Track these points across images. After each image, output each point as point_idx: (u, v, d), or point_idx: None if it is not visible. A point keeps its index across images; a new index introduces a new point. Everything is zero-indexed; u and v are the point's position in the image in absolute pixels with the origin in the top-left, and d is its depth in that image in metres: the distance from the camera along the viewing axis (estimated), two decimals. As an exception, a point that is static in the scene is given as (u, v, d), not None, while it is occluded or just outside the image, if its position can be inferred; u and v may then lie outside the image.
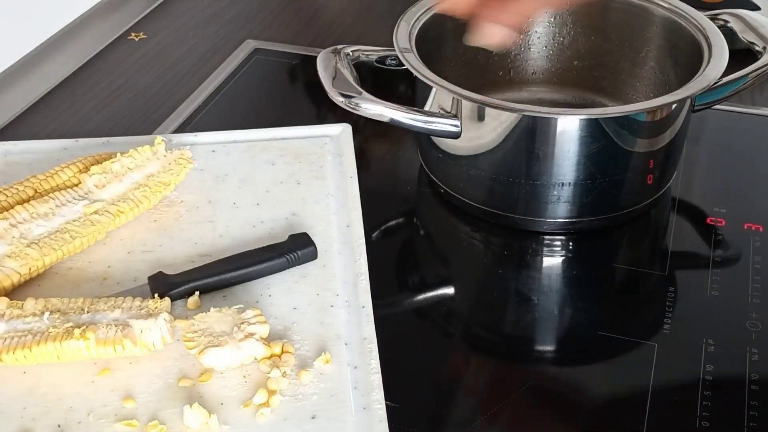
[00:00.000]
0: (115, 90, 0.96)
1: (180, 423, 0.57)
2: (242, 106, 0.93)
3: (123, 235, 0.71)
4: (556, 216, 0.74)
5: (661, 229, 0.79)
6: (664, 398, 0.62)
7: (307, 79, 0.98)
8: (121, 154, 0.72)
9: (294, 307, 0.65)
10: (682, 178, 0.82)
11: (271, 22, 1.09)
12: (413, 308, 0.71)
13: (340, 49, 0.79)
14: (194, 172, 0.77)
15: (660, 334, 0.67)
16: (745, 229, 0.76)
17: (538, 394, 0.63)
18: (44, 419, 0.57)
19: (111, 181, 0.71)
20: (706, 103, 0.77)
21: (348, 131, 0.81)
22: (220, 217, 0.73)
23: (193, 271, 0.66)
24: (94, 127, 0.89)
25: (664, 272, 0.73)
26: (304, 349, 0.62)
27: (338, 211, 0.73)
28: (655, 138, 0.73)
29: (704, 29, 0.77)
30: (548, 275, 0.74)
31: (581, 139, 0.70)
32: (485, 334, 0.70)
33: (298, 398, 0.58)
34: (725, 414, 0.61)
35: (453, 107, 0.73)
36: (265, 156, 0.79)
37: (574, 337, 0.68)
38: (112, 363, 0.60)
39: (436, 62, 0.78)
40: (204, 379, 0.59)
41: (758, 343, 0.66)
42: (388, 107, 0.72)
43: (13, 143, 0.80)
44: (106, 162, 0.72)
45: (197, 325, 0.61)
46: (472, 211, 0.77)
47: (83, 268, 0.68)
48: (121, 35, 1.05)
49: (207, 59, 1.01)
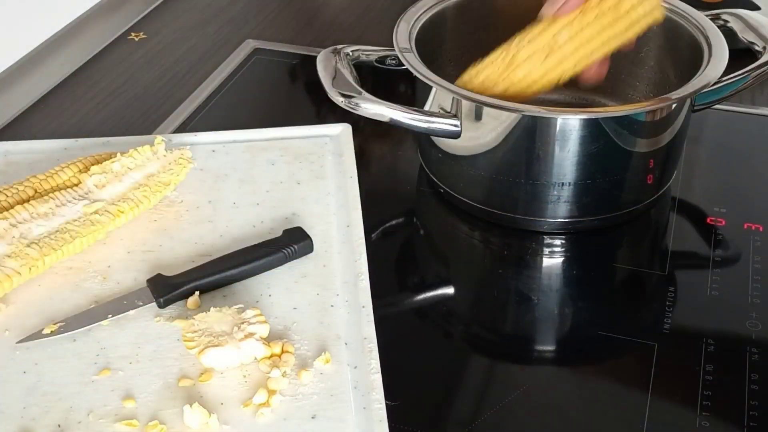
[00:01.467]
0: (115, 90, 0.96)
1: (180, 423, 0.57)
2: (242, 106, 0.94)
3: (123, 235, 0.71)
4: (556, 216, 0.74)
5: (661, 228, 0.79)
6: (664, 398, 0.62)
7: (307, 79, 0.98)
8: (121, 154, 0.72)
9: (294, 306, 0.65)
10: (682, 178, 0.82)
11: (271, 22, 1.09)
12: (413, 308, 0.71)
13: (340, 49, 0.79)
14: (194, 172, 0.77)
15: (660, 334, 0.67)
16: (745, 228, 0.76)
17: (537, 394, 0.63)
18: (44, 419, 0.57)
19: (111, 181, 0.71)
20: (706, 103, 0.77)
21: (348, 131, 0.81)
22: (220, 217, 0.73)
23: (190, 272, 0.66)
24: (94, 127, 0.89)
25: (664, 272, 0.73)
26: (304, 349, 0.62)
27: (338, 211, 0.73)
28: (655, 138, 0.73)
29: (704, 29, 0.77)
30: (548, 275, 0.74)
31: (581, 139, 0.70)
32: (485, 334, 0.70)
33: (298, 398, 0.58)
34: (725, 414, 0.61)
35: (453, 107, 0.73)
36: (265, 156, 0.79)
37: (574, 337, 0.68)
38: (112, 363, 0.60)
39: (435, 62, 0.78)
40: (204, 379, 0.59)
41: (758, 343, 0.66)
42: (388, 107, 0.72)
43: (13, 143, 0.80)
44: (106, 162, 0.72)
45: (197, 325, 0.61)
46: (472, 211, 0.77)
47: (83, 268, 0.68)
48: (121, 35, 1.05)
49: (207, 59, 1.01)
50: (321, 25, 1.08)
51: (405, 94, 0.91)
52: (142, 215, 0.72)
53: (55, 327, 0.62)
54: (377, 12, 1.10)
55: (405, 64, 0.75)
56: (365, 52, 0.82)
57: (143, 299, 0.65)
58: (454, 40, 0.84)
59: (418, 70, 0.74)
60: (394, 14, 0.81)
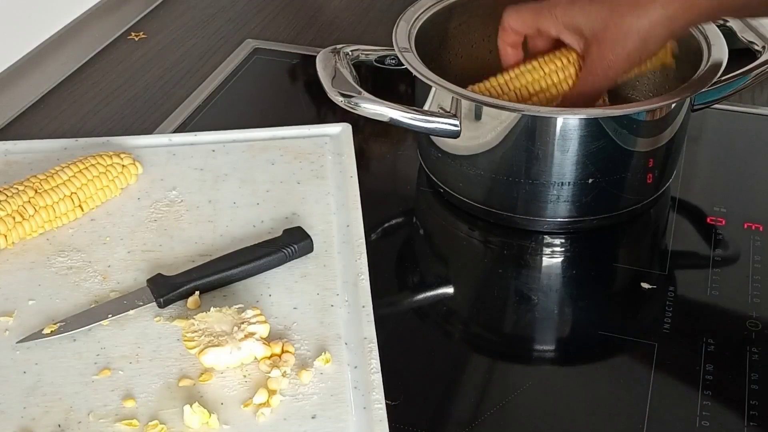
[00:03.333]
0: (115, 90, 0.96)
1: (180, 423, 0.57)
2: (242, 105, 0.94)
3: (123, 234, 0.71)
4: (556, 215, 0.74)
5: (660, 228, 0.79)
6: (664, 398, 0.62)
7: (307, 79, 0.98)
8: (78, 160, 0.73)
9: (294, 306, 0.65)
10: (682, 178, 0.82)
11: (271, 22, 1.09)
12: (413, 308, 0.71)
13: (339, 49, 0.79)
14: (194, 172, 0.77)
15: (660, 333, 0.67)
16: (745, 228, 0.76)
17: (538, 394, 0.63)
18: (44, 419, 0.57)
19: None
20: (706, 103, 0.77)
21: (348, 131, 0.81)
22: (220, 216, 0.73)
23: (190, 272, 0.66)
24: (94, 127, 0.89)
25: (664, 272, 0.73)
26: (304, 348, 0.62)
27: (338, 211, 0.73)
28: (654, 137, 0.73)
29: (703, 28, 0.77)
30: (548, 275, 0.74)
31: (581, 139, 0.70)
32: (485, 333, 0.70)
33: (298, 398, 0.58)
34: (725, 414, 0.61)
35: (452, 107, 0.73)
36: (265, 155, 0.79)
37: (574, 336, 0.68)
38: (112, 363, 0.60)
39: (435, 62, 0.78)
40: (204, 379, 0.59)
41: (758, 343, 0.66)
42: (387, 107, 0.72)
43: (13, 143, 0.80)
44: (55, 168, 0.73)
45: (197, 325, 0.61)
46: (472, 211, 0.77)
47: (83, 268, 0.68)
48: (120, 35, 1.05)
49: (207, 59, 1.01)
50: (321, 25, 1.08)
51: (405, 94, 0.91)
52: (141, 215, 0.72)
53: (55, 327, 0.62)
54: (377, 12, 1.10)
55: (404, 64, 0.75)
56: (365, 51, 0.82)
57: (143, 299, 0.65)
58: (453, 40, 0.84)
59: (418, 69, 0.74)
60: (394, 14, 0.81)
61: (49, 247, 0.70)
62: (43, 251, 0.69)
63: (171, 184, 0.76)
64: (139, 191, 0.75)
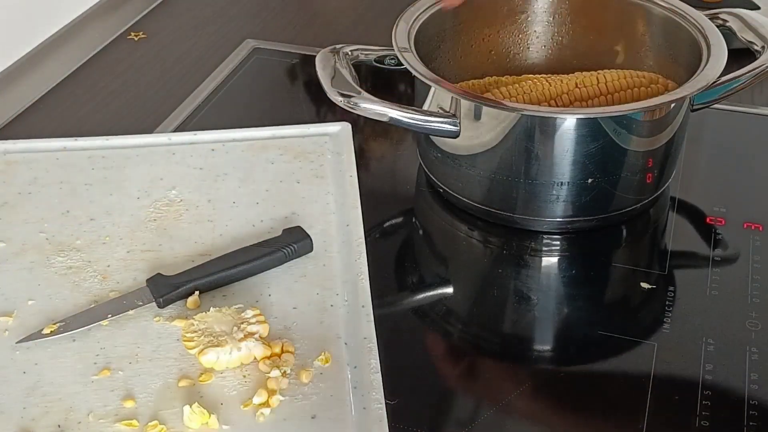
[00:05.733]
0: (115, 90, 0.96)
1: (180, 423, 0.57)
2: (242, 105, 0.94)
3: (122, 234, 0.71)
4: (555, 215, 0.74)
5: (660, 228, 0.79)
6: (664, 398, 0.62)
7: (306, 79, 0.98)
8: None
9: (294, 306, 0.65)
10: (681, 178, 0.82)
11: (271, 22, 1.09)
12: (413, 308, 0.71)
13: (339, 49, 0.79)
14: (194, 171, 0.77)
15: (660, 333, 0.67)
16: (744, 228, 0.76)
17: (537, 394, 0.63)
18: (44, 419, 0.57)
19: None
20: (705, 102, 0.77)
21: (348, 130, 0.81)
22: (219, 216, 0.73)
23: (190, 271, 0.66)
24: (94, 127, 0.89)
25: (663, 272, 0.73)
26: (304, 348, 0.62)
27: (338, 210, 0.73)
28: (654, 137, 0.73)
29: (703, 28, 0.77)
30: (547, 274, 0.74)
31: (580, 139, 0.70)
32: (485, 333, 0.70)
33: (298, 398, 0.58)
34: (725, 414, 0.61)
35: (452, 106, 0.73)
36: (265, 155, 0.79)
37: (574, 336, 0.68)
38: (112, 363, 0.60)
39: (434, 61, 0.78)
40: (204, 379, 0.59)
41: (758, 343, 0.66)
42: (387, 106, 0.72)
43: (13, 142, 0.80)
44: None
45: (197, 325, 0.61)
46: (472, 211, 0.77)
47: (83, 268, 0.68)
48: (120, 35, 1.05)
49: (207, 59, 1.01)
50: (320, 25, 1.08)
51: (404, 94, 0.91)
52: (141, 215, 0.72)
53: (54, 327, 0.62)
54: (377, 12, 1.10)
55: (404, 64, 0.75)
56: (364, 51, 0.82)
57: (143, 299, 0.65)
58: (453, 40, 0.84)
59: (417, 69, 0.74)
60: (393, 14, 0.81)
61: (48, 247, 0.70)
62: (43, 251, 0.69)
63: (170, 184, 0.76)
64: (139, 190, 0.75)
